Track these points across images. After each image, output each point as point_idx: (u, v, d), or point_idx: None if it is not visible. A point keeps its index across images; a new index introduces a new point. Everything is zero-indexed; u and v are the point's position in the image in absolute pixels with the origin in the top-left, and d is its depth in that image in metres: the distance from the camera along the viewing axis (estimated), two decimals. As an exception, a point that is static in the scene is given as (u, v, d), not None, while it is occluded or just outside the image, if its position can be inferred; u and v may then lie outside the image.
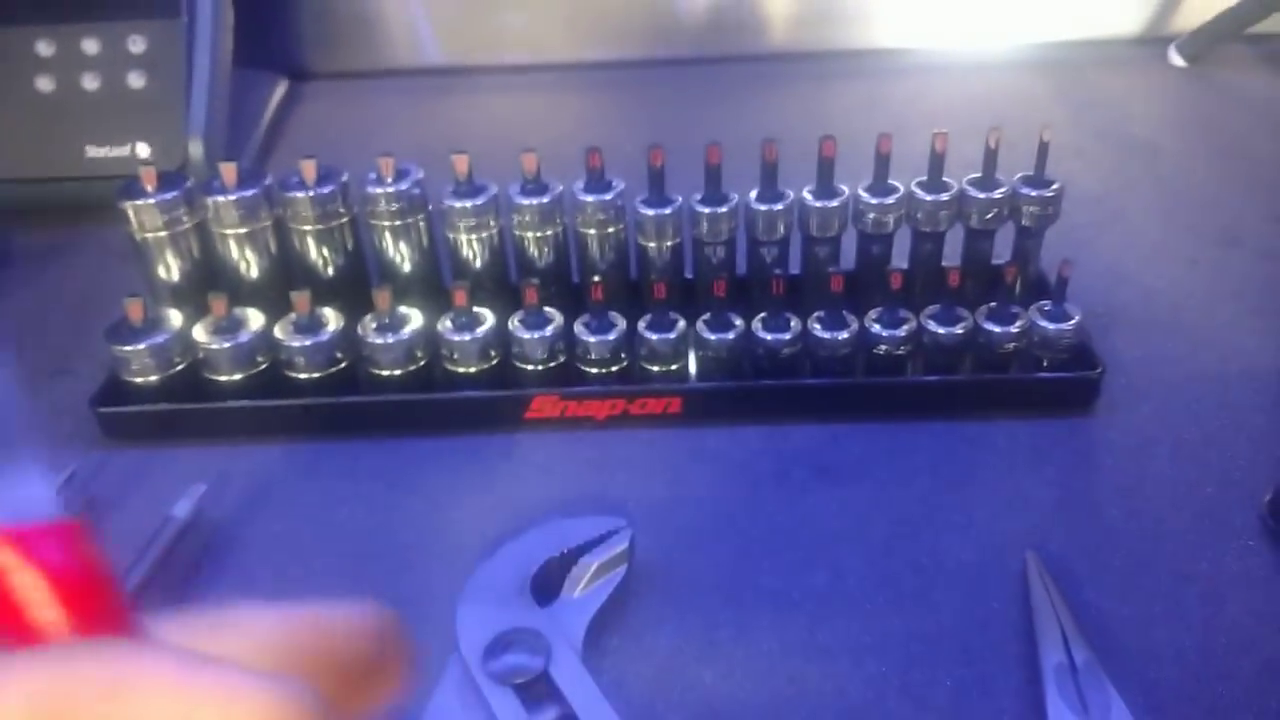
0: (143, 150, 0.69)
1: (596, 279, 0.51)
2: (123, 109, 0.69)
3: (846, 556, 0.44)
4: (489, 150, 0.56)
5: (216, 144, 0.71)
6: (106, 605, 0.17)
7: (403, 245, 0.54)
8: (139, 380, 0.51)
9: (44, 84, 0.70)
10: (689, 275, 0.56)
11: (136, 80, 0.69)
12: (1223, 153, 0.76)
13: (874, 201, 0.52)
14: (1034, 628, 0.39)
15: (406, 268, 0.55)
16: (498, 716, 0.34)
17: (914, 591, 0.42)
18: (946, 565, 0.43)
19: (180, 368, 0.51)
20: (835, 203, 0.52)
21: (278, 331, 0.51)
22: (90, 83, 0.70)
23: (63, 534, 0.17)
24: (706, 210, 0.52)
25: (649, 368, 0.51)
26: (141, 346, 0.50)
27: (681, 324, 0.51)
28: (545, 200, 0.53)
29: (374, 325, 0.51)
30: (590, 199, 0.52)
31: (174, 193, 0.53)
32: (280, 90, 0.86)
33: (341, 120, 0.85)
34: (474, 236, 0.54)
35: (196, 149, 0.70)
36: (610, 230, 0.53)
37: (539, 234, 0.53)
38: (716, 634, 0.40)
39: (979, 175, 0.53)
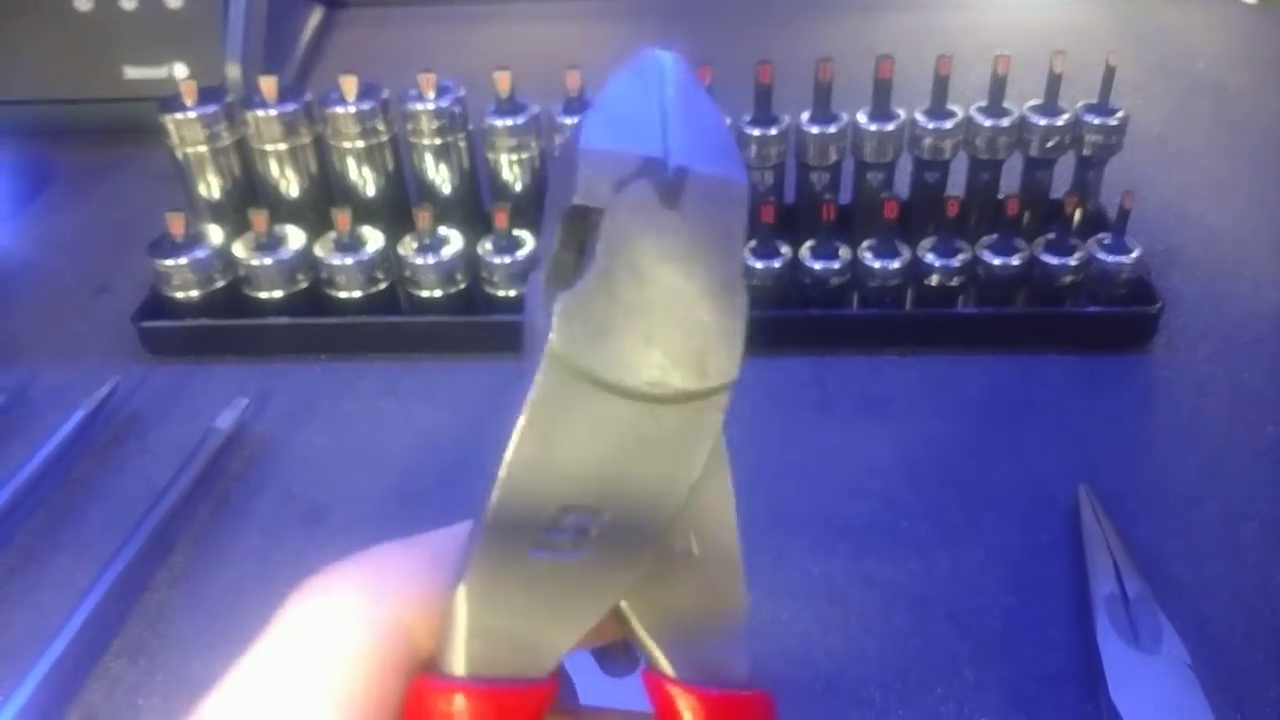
0: (180, 71, 0.69)
1: (641, 202, 0.49)
2: (160, 29, 0.68)
3: (893, 486, 0.43)
4: (530, 80, 0.54)
5: (254, 67, 0.70)
6: None
7: (443, 165, 0.53)
8: (180, 295, 0.50)
9: (81, 3, 0.69)
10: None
11: (174, 0, 0.68)
12: (1292, 93, 0.73)
13: (931, 126, 0.50)
14: (1085, 559, 0.38)
15: (446, 189, 0.54)
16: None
17: (963, 522, 0.41)
18: (996, 498, 0.42)
19: (221, 284, 0.51)
20: (891, 126, 0.50)
21: (318, 249, 0.51)
22: (127, 2, 0.69)
23: (756, 705, 0.18)
24: (756, 132, 0.50)
25: (693, 294, 0.50)
26: (183, 261, 0.50)
27: (727, 250, 0.50)
28: (590, 121, 0.51)
29: (414, 245, 0.50)
30: (636, 120, 0.51)
31: (214, 107, 0.52)
32: (317, 16, 0.84)
33: (379, 47, 0.83)
34: (515, 157, 0.53)
35: (234, 71, 0.69)
36: (656, 153, 0.52)
37: (582, 156, 0.52)
38: (757, 558, 0.40)
39: (1040, 102, 0.51)
